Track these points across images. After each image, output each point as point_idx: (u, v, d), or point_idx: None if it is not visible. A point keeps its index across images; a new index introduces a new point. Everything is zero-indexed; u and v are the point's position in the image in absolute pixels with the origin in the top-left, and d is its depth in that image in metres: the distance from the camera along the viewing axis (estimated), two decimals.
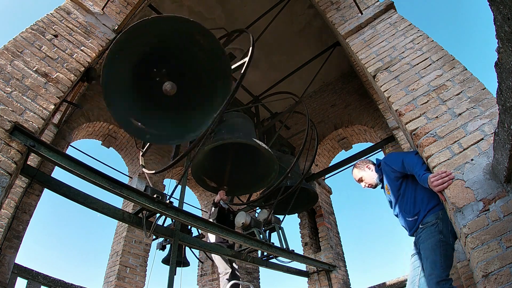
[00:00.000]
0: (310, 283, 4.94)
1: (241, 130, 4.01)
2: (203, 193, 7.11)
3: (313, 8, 5.15)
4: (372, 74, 2.63)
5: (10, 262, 3.11)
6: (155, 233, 3.05)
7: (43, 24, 2.57)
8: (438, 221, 1.97)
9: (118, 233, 4.93)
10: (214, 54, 2.83)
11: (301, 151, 4.47)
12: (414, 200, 2.13)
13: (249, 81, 5.98)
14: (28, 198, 3.49)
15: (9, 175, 1.86)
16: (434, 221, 1.98)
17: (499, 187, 1.58)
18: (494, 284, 1.42)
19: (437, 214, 2.00)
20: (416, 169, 2.03)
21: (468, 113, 1.95)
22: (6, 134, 1.93)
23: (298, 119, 6.75)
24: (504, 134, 1.25)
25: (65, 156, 2.23)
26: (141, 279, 4.59)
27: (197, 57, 2.90)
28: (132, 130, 2.88)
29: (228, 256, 3.78)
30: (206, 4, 5.22)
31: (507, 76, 1.05)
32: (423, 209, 2.07)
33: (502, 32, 0.98)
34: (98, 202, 2.66)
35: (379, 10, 3.01)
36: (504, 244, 1.46)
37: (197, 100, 3.14)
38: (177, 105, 3.12)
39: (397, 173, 2.24)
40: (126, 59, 2.65)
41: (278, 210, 5.08)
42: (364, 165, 2.49)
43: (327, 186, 6.06)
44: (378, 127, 5.38)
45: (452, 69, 2.22)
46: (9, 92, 2.10)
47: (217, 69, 2.92)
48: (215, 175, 4.33)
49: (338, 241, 5.42)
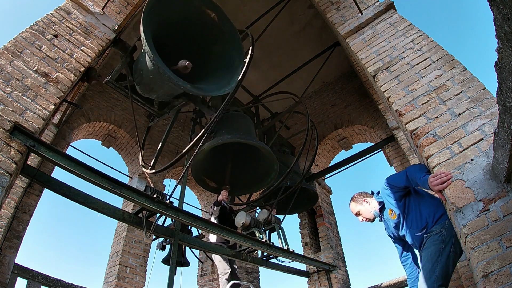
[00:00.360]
0: (310, 283, 4.94)
1: (241, 130, 4.01)
2: (203, 193, 7.10)
3: (313, 8, 5.15)
4: (372, 74, 2.63)
5: (10, 262, 3.11)
6: (155, 233, 3.05)
7: (43, 24, 2.57)
8: (443, 231, 1.95)
9: (118, 233, 4.93)
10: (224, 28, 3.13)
11: (301, 151, 4.47)
12: (420, 214, 2.11)
13: (249, 81, 5.98)
14: (28, 198, 3.49)
15: (9, 175, 1.86)
16: (439, 230, 1.98)
17: (499, 187, 1.58)
18: (494, 284, 1.42)
19: (443, 223, 1.99)
20: (417, 174, 2.03)
21: (468, 113, 1.95)
22: (6, 134, 1.93)
23: (298, 119, 6.75)
24: (504, 134, 1.25)
25: (65, 156, 2.23)
26: (141, 279, 4.59)
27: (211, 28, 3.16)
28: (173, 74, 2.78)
29: (228, 256, 3.78)
30: None
31: (507, 76, 1.05)
32: (430, 221, 2.06)
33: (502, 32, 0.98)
34: (98, 202, 2.66)
35: (379, 10, 3.01)
36: (504, 244, 1.46)
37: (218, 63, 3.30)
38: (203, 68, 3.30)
39: (400, 192, 2.20)
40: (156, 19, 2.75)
41: (278, 210, 5.08)
42: (361, 199, 2.45)
43: (327, 186, 6.06)
44: (378, 127, 5.38)
45: (452, 69, 2.22)
46: (9, 92, 2.10)
47: (230, 40, 3.21)
48: (215, 175, 4.33)
49: (338, 241, 5.42)
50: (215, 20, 3.07)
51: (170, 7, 2.85)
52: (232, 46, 3.18)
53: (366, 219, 2.42)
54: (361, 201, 2.44)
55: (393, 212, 2.26)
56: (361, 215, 2.44)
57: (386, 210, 2.33)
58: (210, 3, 3.04)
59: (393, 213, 2.26)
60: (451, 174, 1.77)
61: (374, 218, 2.42)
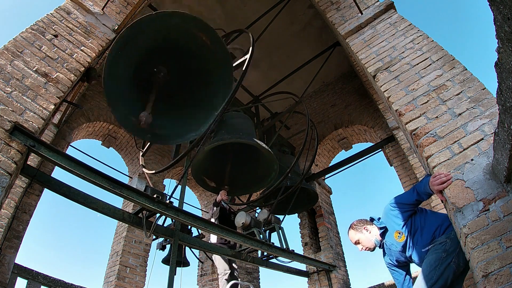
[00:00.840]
0: (310, 283, 4.94)
1: (241, 130, 4.01)
2: (203, 193, 7.11)
3: (313, 8, 5.15)
4: (372, 74, 2.63)
5: (10, 262, 3.11)
6: (155, 233, 3.05)
7: (43, 24, 2.57)
8: (447, 240, 1.93)
9: (118, 233, 4.93)
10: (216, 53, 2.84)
11: (301, 151, 4.47)
12: (427, 229, 2.07)
13: (249, 81, 5.98)
14: (28, 198, 3.49)
15: (9, 175, 1.86)
16: (443, 240, 1.96)
17: (499, 187, 1.58)
18: (494, 284, 1.42)
19: (448, 234, 1.97)
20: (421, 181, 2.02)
21: (468, 113, 1.95)
22: (6, 134, 1.93)
23: (298, 119, 6.75)
24: (504, 134, 1.25)
25: (65, 156, 2.23)
26: (141, 279, 4.59)
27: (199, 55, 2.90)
28: (133, 130, 2.90)
29: (228, 256, 3.78)
30: (206, 4, 5.23)
31: (507, 76, 1.05)
32: (437, 233, 2.02)
33: (502, 32, 0.98)
34: (98, 202, 2.65)
35: (379, 10, 3.01)
36: (504, 244, 1.46)
37: (198, 99, 3.15)
38: (178, 104, 3.14)
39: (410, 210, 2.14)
40: (129, 56, 2.68)
41: (278, 210, 5.08)
42: (361, 227, 2.34)
43: (327, 186, 6.06)
44: (378, 127, 5.38)
45: (452, 69, 2.22)
46: (9, 92, 2.10)
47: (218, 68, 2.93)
48: (215, 175, 4.33)
49: (338, 241, 5.42)
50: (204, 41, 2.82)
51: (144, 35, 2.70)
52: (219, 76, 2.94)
53: (366, 248, 2.32)
54: (361, 229, 2.33)
55: (400, 233, 2.16)
56: (361, 243, 2.33)
57: (391, 234, 2.22)
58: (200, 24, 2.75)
59: (400, 235, 2.16)
60: (451, 174, 1.77)
61: (375, 246, 2.32)
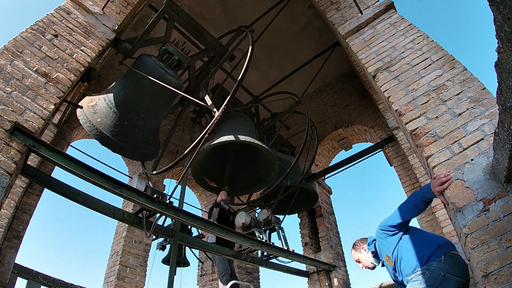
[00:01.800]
0: (310, 283, 4.94)
1: (241, 130, 4.01)
2: (203, 193, 7.10)
3: (313, 8, 5.15)
4: (372, 74, 2.63)
5: (10, 262, 3.11)
6: (155, 233, 3.05)
7: (43, 24, 2.57)
8: (427, 272, 1.81)
9: (118, 233, 4.93)
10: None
11: (301, 151, 4.47)
12: (411, 258, 1.95)
13: (249, 81, 5.98)
14: (28, 198, 3.49)
15: (9, 175, 1.86)
16: (423, 271, 1.83)
17: (499, 187, 1.58)
18: (494, 284, 1.42)
19: (429, 265, 1.83)
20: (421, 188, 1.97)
21: (468, 113, 1.95)
22: (6, 134, 1.93)
23: (298, 119, 6.75)
24: (504, 134, 1.25)
25: (65, 156, 2.23)
26: (141, 279, 4.59)
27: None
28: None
29: (228, 256, 3.78)
30: (206, 4, 5.22)
31: (507, 76, 1.05)
32: (419, 264, 1.89)
33: (502, 32, 0.98)
34: (98, 202, 2.66)
35: (379, 10, 3.01)
36: (504, 244, 1.46)
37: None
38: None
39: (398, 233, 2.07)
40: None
41: (278, 210, 5.08)
42: (360, 247, 2.40)
43: (327, 186, 6.06)
44: (378, 127, 5.38)
45: (452, 69, 2.22)
46: (9, 92, 2.10)
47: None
48: (215, 175, 4.33)
49: (338, 241, 5.42)
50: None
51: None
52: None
53: (366, 267, 2.37)
54: (360, 249, 2.39)
55: (389, 258, 2.13)
56: (361, 262, 2.40)
57: (383, 257, 2.21)
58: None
59: (389, 259, 2.13)
60: (451, 174, 1.77)
61: (374, 266, 2.34)
